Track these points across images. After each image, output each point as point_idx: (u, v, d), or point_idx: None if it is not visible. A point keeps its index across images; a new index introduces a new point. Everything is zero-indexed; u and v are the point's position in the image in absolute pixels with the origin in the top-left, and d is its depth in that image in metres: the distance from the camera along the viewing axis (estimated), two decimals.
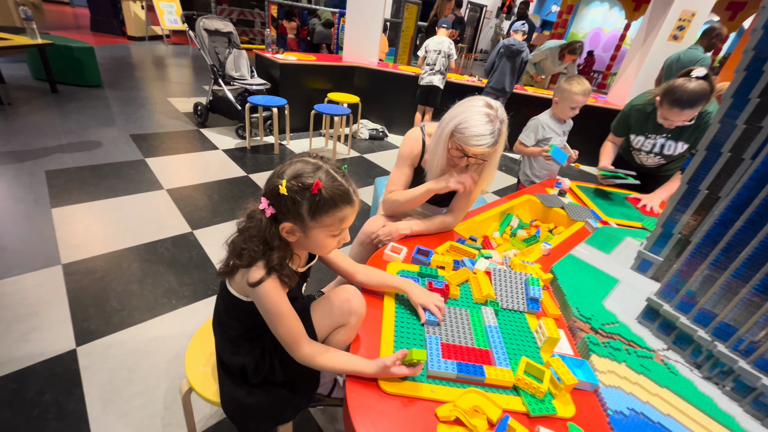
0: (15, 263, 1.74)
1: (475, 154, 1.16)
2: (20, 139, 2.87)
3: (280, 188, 0.73)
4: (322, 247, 0.84)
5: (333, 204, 0.76)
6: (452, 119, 1.15)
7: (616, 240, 1.44)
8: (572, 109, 1.97)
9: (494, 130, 1.12)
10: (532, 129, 2.08)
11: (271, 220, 0.77)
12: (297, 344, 0.80)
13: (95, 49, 4.35)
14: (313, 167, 0.77)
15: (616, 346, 0.92)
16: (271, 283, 0.77)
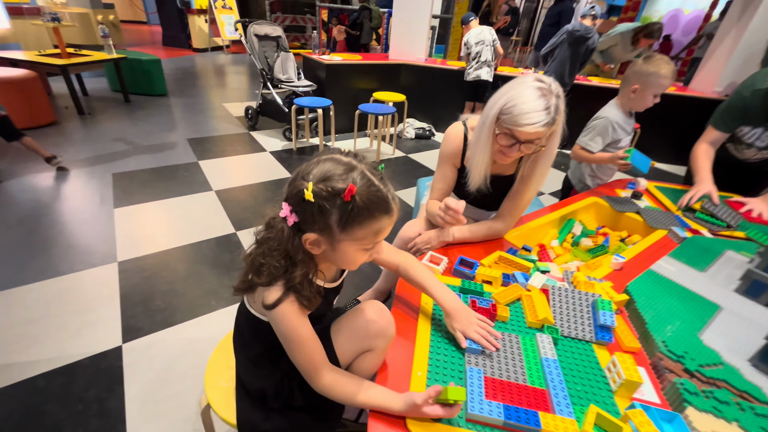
0: (78, 260, 1.87)
1: (529, 137, 0.95)
2: (94, 146, 3.15)
3: (305, 193, 0.60)
4: (350, 262, 0.71)
5: (368, 213, 0.63)
6: (497, 100, 0.97)
7: (713, 254, 1.17)
8: (655, 98, 1.58)
9: (549, 105, 0.92)
10: (599, 131, 1.66)
11: (294, 229, 0.65)
12: (317, 373, 0.70)
13: (165, 62, 4.73)
14: (345, 168, 0.63)
15: (722, 397, 0.70)
16: (288, 305, 0.66)
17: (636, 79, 1.58)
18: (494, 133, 1.01)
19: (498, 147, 1.03)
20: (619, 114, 1.67)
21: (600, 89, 3.82)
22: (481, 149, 1.05)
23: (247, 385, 0.80)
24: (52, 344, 1.44)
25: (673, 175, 3.58)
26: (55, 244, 1.97)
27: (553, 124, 0.94)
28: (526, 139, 0.96)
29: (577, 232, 1.39)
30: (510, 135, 0.98)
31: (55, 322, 1.53)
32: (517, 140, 0.97)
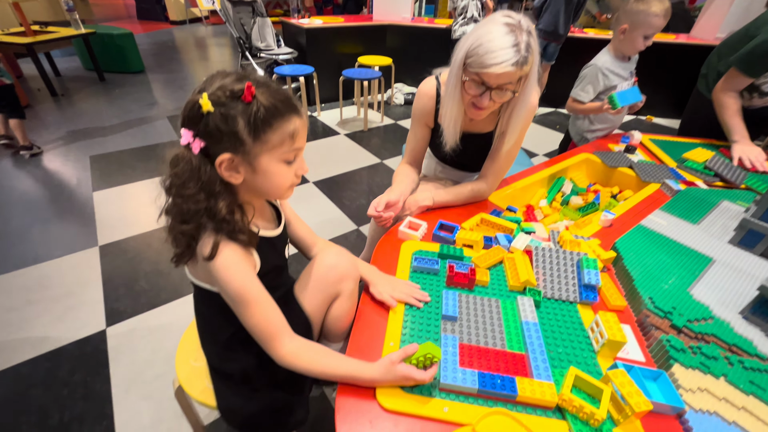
0: (58, 245, 1.82)
1: (498, 80, 0.85)
2: (70, 128, 3.03)
3: (201, 104, 0.53)
4: (278, 183, 0.63)
5: (276, 113, 0.57)
6: (463, 44, 0.87)
7: (708, 205, 1.11)
8: (646, 39, 1.46)
9: (518, 41, 0.81)
10: (588, 79, 1.59)
11: (202, 156, 0.57)
12: (275, 339, 0.64)
13: (141, 37, 4.49)
14: (236, 76, 0.57)
15: (710, 352, 0.66)
16: (228, 253, 0.59)
17: (625, 18, 1.47)
18: (462, 81, 0.91)
19: (468, 98, 0.93)
20: (609, 59, 1.56)
21: (597, 41, 3.63)
22: (450, 100, 0.96)
23: (225, 370, 0.75)
24: (36, 331, 1.41)
25: (669, 129, 3.47)
26: (33, 231, 1.91)
27: (525, 64, 0.83)
28: (496, 83, 0.86)
29: (567, 191, 1.33)
30: (479, 81, 0.87)
31: (37, 308, 1.50)
32: (487, 86, 0.87)
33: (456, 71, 0.90)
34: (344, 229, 2.05)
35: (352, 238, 1.98)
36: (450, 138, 1.03)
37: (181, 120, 0.58)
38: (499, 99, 0.90)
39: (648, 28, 1.42)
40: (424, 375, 0.60)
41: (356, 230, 2.04)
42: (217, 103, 0.54)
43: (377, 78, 3.12)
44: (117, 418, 1.15)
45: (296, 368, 0.65)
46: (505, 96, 0.90)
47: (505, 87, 0.87)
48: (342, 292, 0.76)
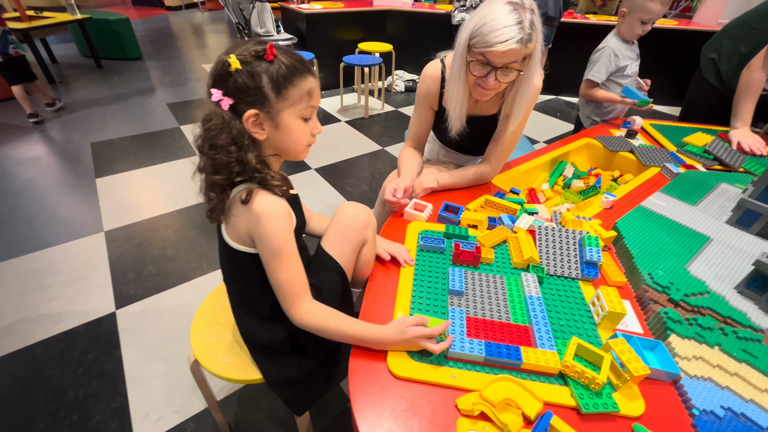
0: (64, 231, 1.84)
1: (504, 59, 0.86)
2: (69, 116, 3.02)
3: (231, 63, 0.59)
4: (297, 139, 0.69)
5: (295, 71, 0.63)
6: (467, 25, 0.88)
7: (706, 187, 1.13)
8: (642, 25, 1.47)
9: (522, 19, 0.82)
10: (602, 61, 1.59)
11: (232, 113, 0.62)
12: (298, 298, 0.68)
13: (137, 23, 4.44)
14: (256, 41, 0.64)
15: (705, 323, 0.70)
16: (270, 200, 0.65)
17: (625, 2, 1.49)
18: (467, 61, 0.91)
19: (473, 79, 0.94)
20: (617, 41, 1.59)
21: (597, 27, 3.60)
22: (455, 82, 0.96)
23: (270, 343, 0.77)
24: (48, 313, 1.45)
25: (670, 117, 3.47)
26: (40, 218, 1.93)
27: (529, 42, 0.84)
28: (501, 62, 0.87)
29: (569, 175, 1.35)
30: (484, 61, 0.88)
31: (48, 292, 1.53)
32: (492, 66, 0.88)
33: (461, 53, 0.91)
34: None
35: None
36: (456, 121, 1.04)
37: (210, 81, 0.63)
38: (504, 79, 0.91)
39: (644, 13, 1.43)
40: (434, 345, 0.63)
41: None
42: (243, 62, 0.60)
43: (378, 65, 3.11)
44: (131, 395, 1.19)
45: (311, 328, 0.68)
46: (511, 75, 0.91)
47: (510, 66, 0.88)
48: (368, 238, 0.82)
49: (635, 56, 1.62)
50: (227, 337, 0.88)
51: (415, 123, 1.19)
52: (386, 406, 0.58)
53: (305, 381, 0.78)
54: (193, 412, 1.15)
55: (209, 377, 0.92)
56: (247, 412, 1.17)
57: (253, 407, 1.18)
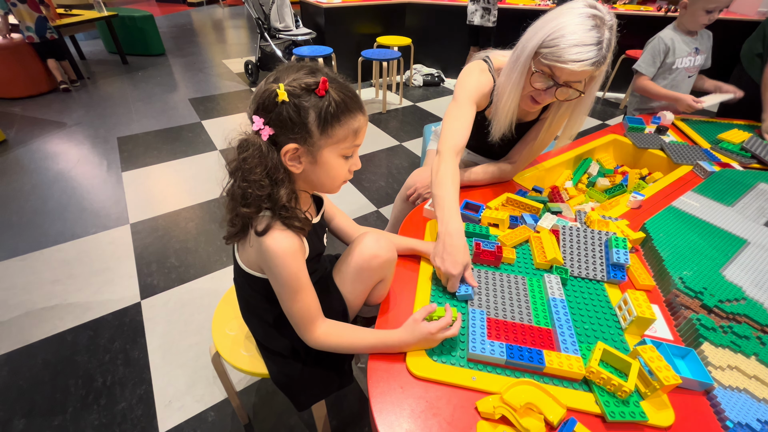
0: (92, 223, 1.91)
1: (571, 77, 0.80)
2: (97, 110, 3.12)
3: (278, 94, 0.55)
4: (334, 176, 0.65)
5: (345, 108, 0.59)
6: (538, 31, 0.81)
7: (743, 187, 1.08)
8: (708, 14, 1.39)
9: (602, 39, 0.75)
10: (648, 51, 1.54)
11: (270, 143, 0.59)
12: (312, 324, 0.67)
13: (160, 19, 4.52)
14: (309, 69, 0.59)
15: (741, 332, 0.66)
16: (281, 233, 0.61)
17: None
18: (530, 71, 0.84)
19: (529, 90, 0.88)
20: (672, 33, 1.53)
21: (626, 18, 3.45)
22: (510, 89, 0.89)
23: (274, 348, 0.78)
24: (77, 302, 1.51)
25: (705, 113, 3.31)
26: (69, 209, 2.01)
27: (602, 64, 0.78)
28: (566, 80, 0.81)
29: (594, 172, 1.30)
30: (548, 74, 0.82)
31: (77, 281, 1.60)
32: (555, 82, 0.82)
33: (524, 59, 0.84)
34: (364, 210, 2.07)
35: (371, 220, 2.01)
36: (503, 127, 0.96)
37: (253, 106, 0.60)
38: (561, 96, 0.86)
39: (708, 2, 1.36)
40: (448, 331, 0.63)
41: (376, 212, 2.06)
42: (291, 94, 0.56)
43: (396, 59, 3.08)
44: (155, 382, 1.23)
45: (327, 347, 0.68)
46: (568, 94, 0.85)
47: (573, 85, 0.82)
48: (385, 277, 0.76)
49: (693, 50, 1.53)
50: (246, 330, 0.89)
51: (462, 125, 0.93)
52: (405, 406, 0.57)
53: (308, 383, 0.79)
54: (214, 402, 1.18)
55: (228, 368, 0.94)
56: (265, 402, 1.19)
57: (271, 399, 1.20)
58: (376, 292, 0.78)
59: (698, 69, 1.62)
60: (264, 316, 0.78)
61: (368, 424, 1.13)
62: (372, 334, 0.67)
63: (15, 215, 1.95)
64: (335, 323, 0.70)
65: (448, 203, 0.82)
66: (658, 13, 3.36)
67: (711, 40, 1.59)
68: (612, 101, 3.63)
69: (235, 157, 0.61)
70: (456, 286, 0.74)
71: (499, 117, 0.95)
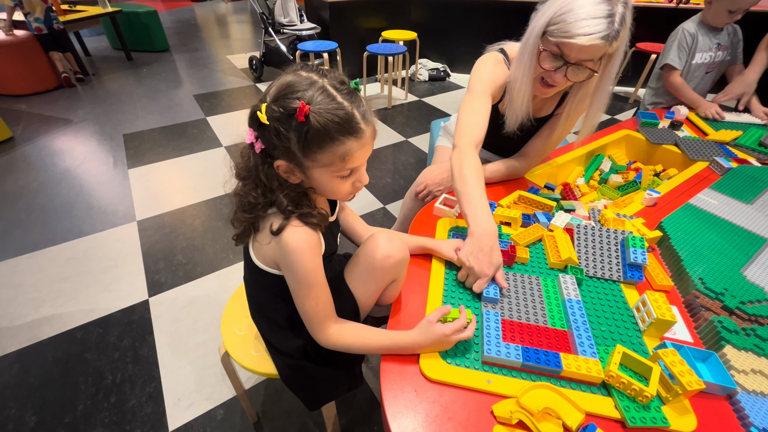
0: (99, 220, 1.92)
1: (581, 54, 0.75)
2: (102, 107, 3.12)
3: (259, 116, 0.55)
4: (332, 191, 0.64)
5: (327, 135, 0.55)
6: (547, 9, 0.77)
7: (762, 184, 1.05)
8: (731, 14, 1.35)
9: (613, 12, 0.71)
10: (676, 43, 1.46)
11: (263, 156, 0.60)
12: (325, 323, 0.67)
13: (164, 15, 4.50)
14: (306, 83, 0.55)
15: (765, 334, 0.64)
16: (300, 232, 0.61)
17: None
18: (539, 51, 0.81)
19: (540, 71, 0.84)
20: (694, 25, 1.48)
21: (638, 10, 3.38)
22: (522, 73, 0.85)
23: (284, 349, 0.77)
24: (86, 299, 1.51)
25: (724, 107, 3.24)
26: (77, 206, 2.01)
27: (615, 39, 0.73)
28: (576, 58, 0.76)
29: (606, 169, 1.28)
30: (557, 53, 0.78)
31: (86, 278, 1.60)
32: (565, 61, 0.78)
33: (533, 39, 0.80)
34: (370, 207, 2.05)
35: (378, 217, 1.99)
36: (519, 117, 0.93)
37: (249, 120, 0.60)
38: (574, 77, 0.81)
39: (731, 4, 1.33)
40: (463, 333, 0.62)
41: (382, 208, 2.05)
42: (272, 118, 0.55)
43: (402, 53, 3.04)
44: (164, 381, 1.23)
45: (340, 347, 0.68)
46: (582, 74, 0.81)
47: (585, 64, 0.78)
48: (398, 277, 0.75)
49: (715, 45, 1.48)
50: (256, 330, 0.88)
51: (480, 118, 0.90)
52: (420, 410, 0.56)
53: (318, 384, 0.78)
54: (223, 400, 1.18)
55: (237, 367, 0.94)
56: (274, 402, 1.19)
57: (280, 397, 1.20)
58: (387, 292, 0.77)
59: (719, 66, 1.57)
60: (275, 316, 0.77)
61: (377, 422, 1.13)
62: (385, 335, 0.66)
63: (23, 212, 1.96)
64: (348, 323, 0.69)
65: (477, 200, 0.79)
66: (670, 4, 3.29)
67: (739, 35, 1.52)
68: (621, 95, 3.57)
69: (239, 161, 0.63)
70: (484, 287, 0.72)
71: (515, 105, 0.92)
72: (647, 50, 3.17)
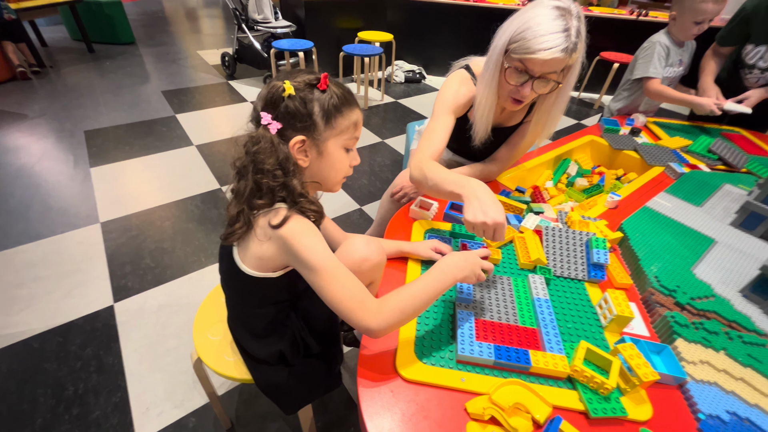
0: (59, 222, 1.81)
1: (544, 68, 0.81)
2: (61, 102, 2.94)
3: (285, 89, 0.61)
4: (338, 169, 0.70)
5: (345, 101, 0.66)
6: (507, 28, 0.83)
7: (710, 188, 1.13)
8: (697, 25, 1.41)
9: (568, 26, 0.77)
10: (655, 55, 1.51)
11: (279, 137, 0.63)
12: (363, 305, 0.59)
13: (129, 6, 4.30)
14: (308, 70, 0.66)
15: (711, 328, 0.70)
16: (300, 221, 0.62)
17: (674, 4, 1.46)
18: (503, 68, 0.86)
19: (508, 88, 0.89)
20: (666, 39, 1.54)
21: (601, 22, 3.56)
22: (486, 88, 0.91)
23: (261, 355, 0.76)
24: (44, 306, 1.43)
25: (679, 115, 3.47)
26: (33, 208, 1.89)
27: (574, 51, 0.79)
28: (540, 71, 0.82)
29: (572, 172, 1.34)
30: (521, 69, 0.84)
31: (44, 284, 1.51)
32: (530, 75, 0.84)
33: (496, 57, 0.86)
34: (347, 208, 2.05)
35: (354, 218, 1.99)
36: (481, 131, 0.99)
37: (261, 104, 0.64)
38: (540, 90, 0.87)
39: (696, 14, 1.38)
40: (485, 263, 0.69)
41: (359, 209, 2.05)
42: (297, 89, 0.62)
43: (378, 54, 3.05)
44: (131, 389, 1.19)
45: (392, 324, 0.60)
46: (548, 86, 0.86)
47: (548, 76, 0.83)
48: (374, 280, 0.76)
49: (678, 62, 1.56)
50: (229, 335, 0.87)
51: (439, 133, 0.96)
52: (396, 410, 0.58)
53: (296, 388, 0.78)
54: (194, 407, 1.15)
55: (210, 373, 0.92)
56: (248, 407, 1.17)
57: (254, 402, 1.18)
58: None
59: (676, 81, 1.66)
60: (254, 323, 0.75)
61: (354, 423, 1.13)
62: (424, 286, 0.62)
63: None
64: (386, 298, 0.61)
65: (452, 175, 0.84)
66: (630, 16, 3.48)
67: (694, 50, 1.62)
68: (587, 101, 3.74)
69: (241, 155, 0.64)
70: (504, 235, 0.73)
71: (479, 115, 0.97)
72: (610, 59, 3.34)
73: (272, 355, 0.75)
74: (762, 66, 1.46)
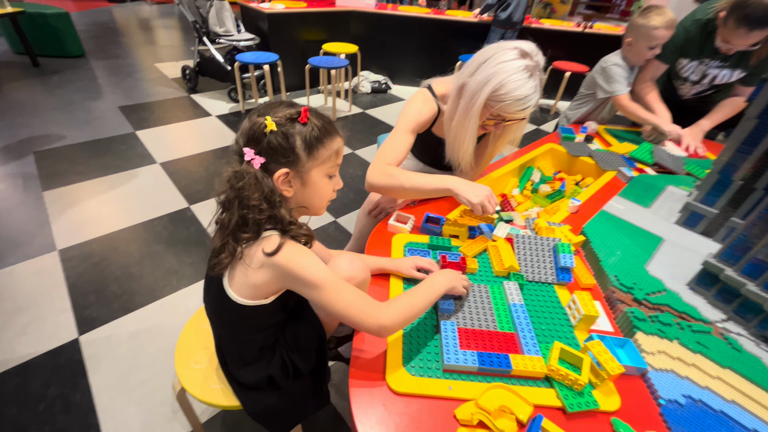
0: (9, 252, 1.68)
1: (519, 117, 0.97)
2: (5, 120, 2.73)
3: (267, 124, 0.62)
4: (321, 195, 0.73)
5: (326, 132, 0.68)
6: (483, 85, 0.91)
7: (656, 190, 1.25)
8: (651, 50, 1.56)
9: (537, 83, 0.92)
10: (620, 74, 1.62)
11: (262, 171, 0.65)
12: (371, 313, 0.64)
13: (76, 15, 4.08)
14: (288, 103, 0.68)
15: (665, 320, 0.78)
16: (293, 246, 0.65)
17: (629, 31, 1.58)
18: (483, 116, 0.99)
19: (484, 126, 1.03)
20: (619, 59, 1.66)
21: (553, 33, 3.81)
22: (466, 131, 1.01)
23: (250, 381, 0.76)
24: None
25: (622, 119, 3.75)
26: None
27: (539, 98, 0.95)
28: (514, 118, 0.97)
29: (536, 179, 1.43)
30: (500, 118, 0.98)
31: None
32: (504, 120, 0.99)
33: (476, 110, 0.95)
34: (322, 221, 2.06)
35: (330, 231, 2.00)
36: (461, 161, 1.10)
37: (243, 140, 0.66)
38: (510, 124, 1.03)
39: (651, 40, 1.52)
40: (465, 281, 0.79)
41: (334, 222, 2.06)
42: (278, 124, 0.64)
43: (344, 66, 3.09)
44: (104, 427, 1.12)
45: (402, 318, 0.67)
46: (519, 123, 1.04)
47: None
48: None
49: (628, 83, 1.67)
50: (214, 362, 0.86)
51: (398, 148, 1.07)
52: (390, 423, 0.60)
53: (286, 410, 0.79)
54: None
55: (192, 401, 0.89)
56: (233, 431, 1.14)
57: (239, 426, 1.15)
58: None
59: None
60: (245, 349, 0.75)
61: None
62: (421, 294, 0.71)
63: None
64: (388, 303, 0.68)
65: (430, 177, 1.01)
66: (577, 29, 3.75)
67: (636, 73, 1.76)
68: (543, 107, 3.97)
69: (226, 189, 0.65)
70: (496, 204, 0.94)
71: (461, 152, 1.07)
72: (562, 68, 3.58)
73: (262, 379, 0.75)
74: (693, 79, 1.63)
